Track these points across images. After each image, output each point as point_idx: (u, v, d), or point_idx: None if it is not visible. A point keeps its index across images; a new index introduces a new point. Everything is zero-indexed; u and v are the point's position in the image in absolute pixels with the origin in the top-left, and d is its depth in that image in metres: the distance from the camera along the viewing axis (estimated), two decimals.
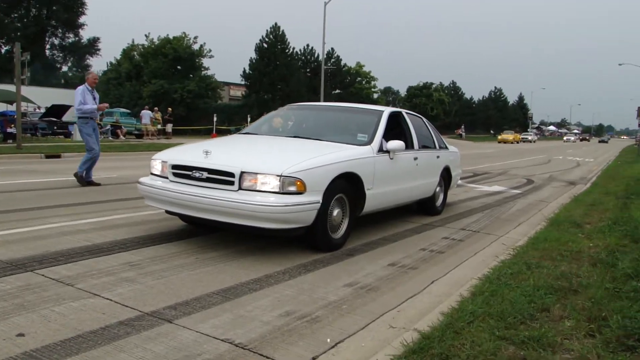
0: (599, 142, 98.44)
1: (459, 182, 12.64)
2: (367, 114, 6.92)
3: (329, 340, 3.27)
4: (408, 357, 2.79)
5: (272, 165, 4.94)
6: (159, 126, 33.38)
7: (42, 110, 29.63)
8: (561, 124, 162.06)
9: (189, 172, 5.21)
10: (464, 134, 69.41)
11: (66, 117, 28.92)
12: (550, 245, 5.56)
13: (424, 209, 8.07)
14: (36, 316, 3.44)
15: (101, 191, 9.01)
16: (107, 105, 10.51)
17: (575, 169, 21.47)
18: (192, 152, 5.59)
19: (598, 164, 24.77)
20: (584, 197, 10.10)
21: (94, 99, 9.84)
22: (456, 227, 7.30)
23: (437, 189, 8.08)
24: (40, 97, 32.70)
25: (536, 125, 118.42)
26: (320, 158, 5.25)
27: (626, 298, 3.81)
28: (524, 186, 13.43)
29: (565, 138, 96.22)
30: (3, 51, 52.63)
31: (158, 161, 5.62)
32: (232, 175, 4.93)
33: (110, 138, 29.70)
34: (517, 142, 66.89)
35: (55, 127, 27.88)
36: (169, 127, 33.77)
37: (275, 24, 52.15)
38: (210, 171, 5.07)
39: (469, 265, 5.21)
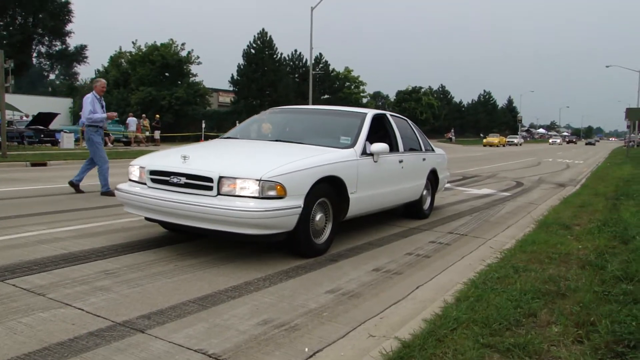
0: (586, 144, 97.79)
1: (447, 185, 12.56)
2: (350, 116, 6.81)
3: (306, 349, 3.14)
4: None
5: (251, 170, 4.80)
6: (147, 133, 33.15)
7: (29, 119, 29.34)
8: (550, 127, 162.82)
9: (167, 178, 5.07)
10: (453, 137, 69.57)
11: (53, 125, 28.70)
12: (538, 247, 5.45)
13: (411, 212, 7.96)
14: (1, 328, 3.29)
15: (84, 199, 8.83)
16: (115, 114, 10.26)
17: (564, 171, 21.46)
18: (170, 157, 5.45)
19: (588, 166, 24.79)
20: (573, 199, 10.02)
21: (102, 107, 9.62)
22: (444, 231, 7.20)
23: (424, 192, 7.98)
24: (27, 105, 32.51)
25: (525, 128, 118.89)
26: (301, 162, 5.12)
27: (615, 301, 3.69)
28: (513, 189, 13.37)
29: (550, 140, 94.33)
30: None
31: (136, 167, 5.47)
32: (210, 180, 4.80)
33: None
34: (503, 145, 65.71)
35: (42, 135, 27.60)
36: (157, 134, 33.54)
37: (263, 29, 52.09)
38: (188, 176, 4.93)
39: (455, 270, 5.10)
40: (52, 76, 64.35)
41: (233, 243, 5.60)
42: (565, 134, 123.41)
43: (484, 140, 66.37)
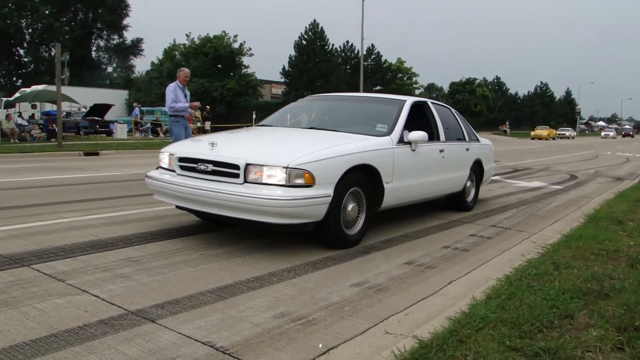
0: None
1: (496, 177, 12.13)
2: (388, 103, 6.55)
3: (320, 345, 2.96)
4: None
5: (279, 157, 4.65)
6: (199, 124, 33.58)
7: (87, 110, 30.21)
8: (611, 119, 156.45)
9: (195, 165, 4.97)
10: (508, 130, 67.68)
11: (108, 116, 29.46)
12: (584, 243, 5.09)
13: (453, 204, 7.65)
14: (16, 313, 3.26)
15: (125, 187, 8.91)
16: (198, 103, 10.11)
17: (624, 164, 20.44)
18: (199, 144, 5.37)
19: None
20: (629, 193, 9.45)
21: (185, 96, 9.48)
22: (486, 224, 6.87)
23: (468, 183, 7.65)
24: (85, 97, 33.44)
25: (585, 121, 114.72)
26: (331, 149, 4.93)
27: None
28: (566, 182, 12.77)
29: (603, 134, 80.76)
30: (53, 54, 54.19)
31: (166, 154, 5.41)
32: (237, 167, 4.67)
33: (150, 136, 30.06)
34: (553, 139, 60.65)
35: (97, 126, 28.35)
36: (208, 125, 33.92)
37: (314, 20, 52.05)
38: (215, 163, 4.82)
39: (493, 265, 4.80)
40: (109, 69, 66.10)
41: (264, 232, 5.47)
42: (627, 126, 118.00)
43: (532, 133, 62.40)
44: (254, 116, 36.07)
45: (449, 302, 3.70)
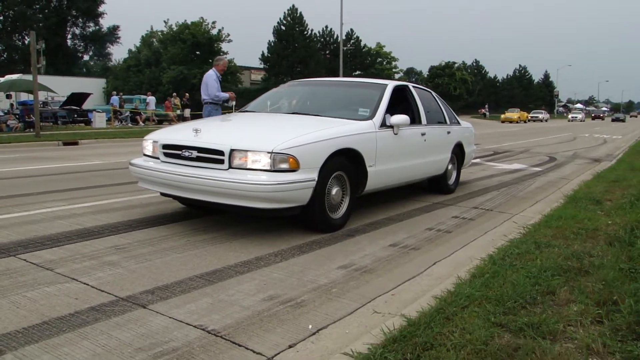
0: (612, 120, 73.86)
1: (477, 160, 12.27)
2: (370, 88, 6.59)
3: (310, 326, 3.02)
4: (388, 346, 2.51)
5: (263, 142, 4.68)
6: (178, 112, 33.34)
7: (62, 98, 29.77)
8: (589, 102, 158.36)
9: (179, 152, 4.98)
10: (487, 113, 68.24)
11: (86, 105, 29.06)
12: (564, 223, 5.21)
13: (435, 187, 7.74)
14: (6, 302, 3.27)
15: (107, 176, 8.86)
16: (234, 94, 10.25)
17: (601, 146, 20.77)
18: (183, 131, 5.36)
19: (626, 141, 23.96)
20: (607, 174, 9.63)
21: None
22: (468, 206, 6.97)
23: (449, 166, 7.74)
24: (62, 86, 32.97)
25: (563, 104, 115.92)
26: (315, 134, 4.97)
27: None
28: (545, 164, 12.96)
29: (570, 116, 73.36)
30: (27, 42, 53.17)
31: (149, 141, 5.40)
32: (221, 153, 4.69)
33: (129, 124, 29.78)
34: (525, 122, 57.69)
35: (75, 115, 27.97)
36: (188, 112, 33.68)
37: (293, 5, 51.82)
38: (199, 150, 4.83)
39: (476, 246, 4.89)
40: (86, 57, 65.14)
41: (249, 218, 5.51)
42: (604, 109, 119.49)
43: (502, 116, 59.65)
44: (234, 103, 35.88)
45: (434, 282, 3.78)
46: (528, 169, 11.61)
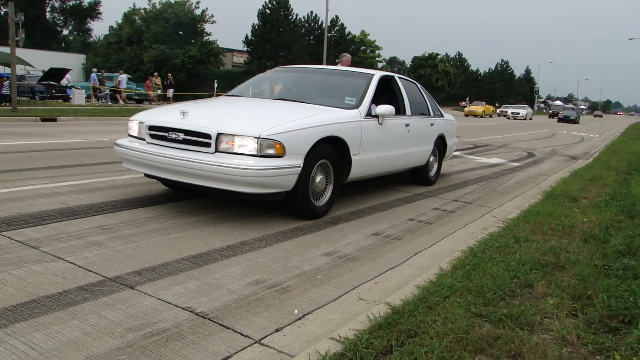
0: (560, 120, 52.21)
1: (457, 152, 12.41)
2: (357, 77, 6.64)
3: (296, 311, 3.10)
4: (373, 332, 2.60)
5: (250, 127, 4.71)
6: (159, 91, 33.03)
7: (40, 74, 29.25)
8: (568, 99, 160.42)
9: (166, 134, 4.99)
10: (469, 106, 68.70)
11: (64, 81, 28.58)
12: (542, 219, 5.35)
13: (417, 178, 7.86)
14: None
15: (89, 155, 8.80)
16: None
17: (578, 144, 21.13)
18: (170, 113, 5.35)
19: (603, 140, 24.40)
20: (584, 172, 9.85)
21: None
22: (448, 198, 7.10)
23: (431, 158, 7.85)
24: (40, 61, 32.40)
25: (543, 100, 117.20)
26: (302, 120, 5.02)
27: (615, 276, 3.60)
28: (524, 159, 13.18)
29: (510, 112, 55.09)
30: (2, 13, 51.92)
31: (135, 122, 5.39)
32: (208, 136, 4.71)
33: (109, 102, 29.43)
34: (490, 116, 50.22)
35: (53, 91, 27.50)
36: (170, 93, 33.41)
37: None
38: (186, 132, 4.85)
39: (456, 238, 5.01)
40: (65, 32, 63.81)
41: (233, 202, 5.56)
42: (582, 107, 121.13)
43: (466, 109, 52.73)
44: (215, 85, 35.65)
45: (415, 272, 3.88)
46: (507, 164, 11.81)
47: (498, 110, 59.20)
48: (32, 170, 6.85)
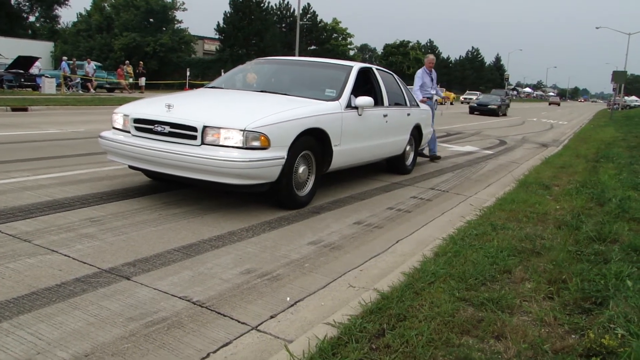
0: (472, 111, 35.77)
1: None
2: (336, 69, 6.78)
3: (288, 299, 3.25)
4: (366, 317, 2.76)
5: (236, 120, 4.81)
6: (131, 80, 32.64)
7: (7, 62, 28.59)
8: (537, 86, 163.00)
9: (151, 126, 5.05)
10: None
11: (34, 69, 28.03)
12: (517, 206, 5.58)
13: (393, 167, 8.04)
14: None
15: (68, 146, 8.77)
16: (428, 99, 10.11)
17: (548, 131, 21.63)
18: (155, 105, 5.41)
19: (571, 127, 24.98)
20: (554, 160, 10.16)
21: (432, 80, 10.27)
22: (425, 187, 7.30)
23: (408, 147, 8.04)
24: (6, 48, 31.63)
25: (512, 87, 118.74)
26: (285, 113, 5.14)
27: (587, 261, 3.83)
28: (496, 147, 13.49)
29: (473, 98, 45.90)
30: None
31: (120, 115, 5.43)
32: (194, 129, 4.80)
33: (80, 91, 28.98)
34: (451, 103, 47.83)
35: (22, 80, 26.96)
36: (142, 81, 33.05)
37: None
38: (172, 125, 4.92)
39: (435, 225, 5.21)
40: (31, 18, 62.23)
41: (218, 193, 5.66)
42: (551, 93, 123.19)
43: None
44: (187, 73, 35.35)
45: (398, 260, 4.06)
46: (480, 152, 12.09)
47: (461, 97, 58.37)
48: (13, 163, 6.83)
